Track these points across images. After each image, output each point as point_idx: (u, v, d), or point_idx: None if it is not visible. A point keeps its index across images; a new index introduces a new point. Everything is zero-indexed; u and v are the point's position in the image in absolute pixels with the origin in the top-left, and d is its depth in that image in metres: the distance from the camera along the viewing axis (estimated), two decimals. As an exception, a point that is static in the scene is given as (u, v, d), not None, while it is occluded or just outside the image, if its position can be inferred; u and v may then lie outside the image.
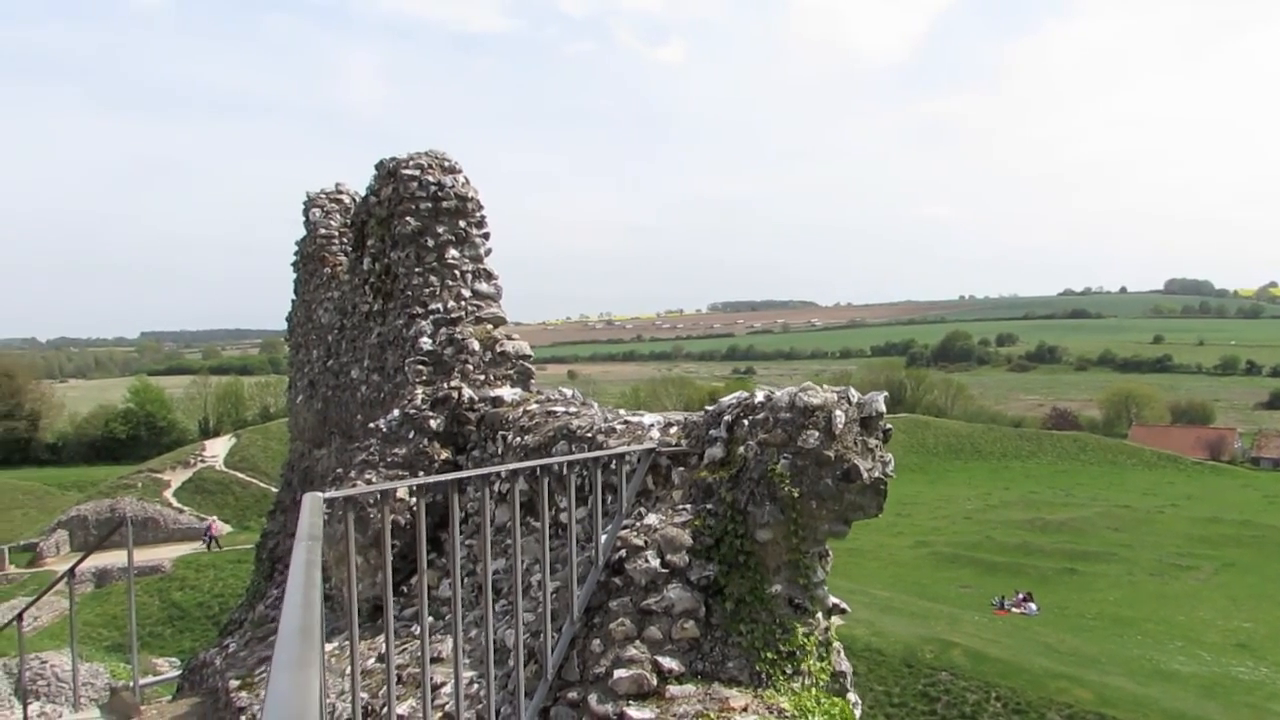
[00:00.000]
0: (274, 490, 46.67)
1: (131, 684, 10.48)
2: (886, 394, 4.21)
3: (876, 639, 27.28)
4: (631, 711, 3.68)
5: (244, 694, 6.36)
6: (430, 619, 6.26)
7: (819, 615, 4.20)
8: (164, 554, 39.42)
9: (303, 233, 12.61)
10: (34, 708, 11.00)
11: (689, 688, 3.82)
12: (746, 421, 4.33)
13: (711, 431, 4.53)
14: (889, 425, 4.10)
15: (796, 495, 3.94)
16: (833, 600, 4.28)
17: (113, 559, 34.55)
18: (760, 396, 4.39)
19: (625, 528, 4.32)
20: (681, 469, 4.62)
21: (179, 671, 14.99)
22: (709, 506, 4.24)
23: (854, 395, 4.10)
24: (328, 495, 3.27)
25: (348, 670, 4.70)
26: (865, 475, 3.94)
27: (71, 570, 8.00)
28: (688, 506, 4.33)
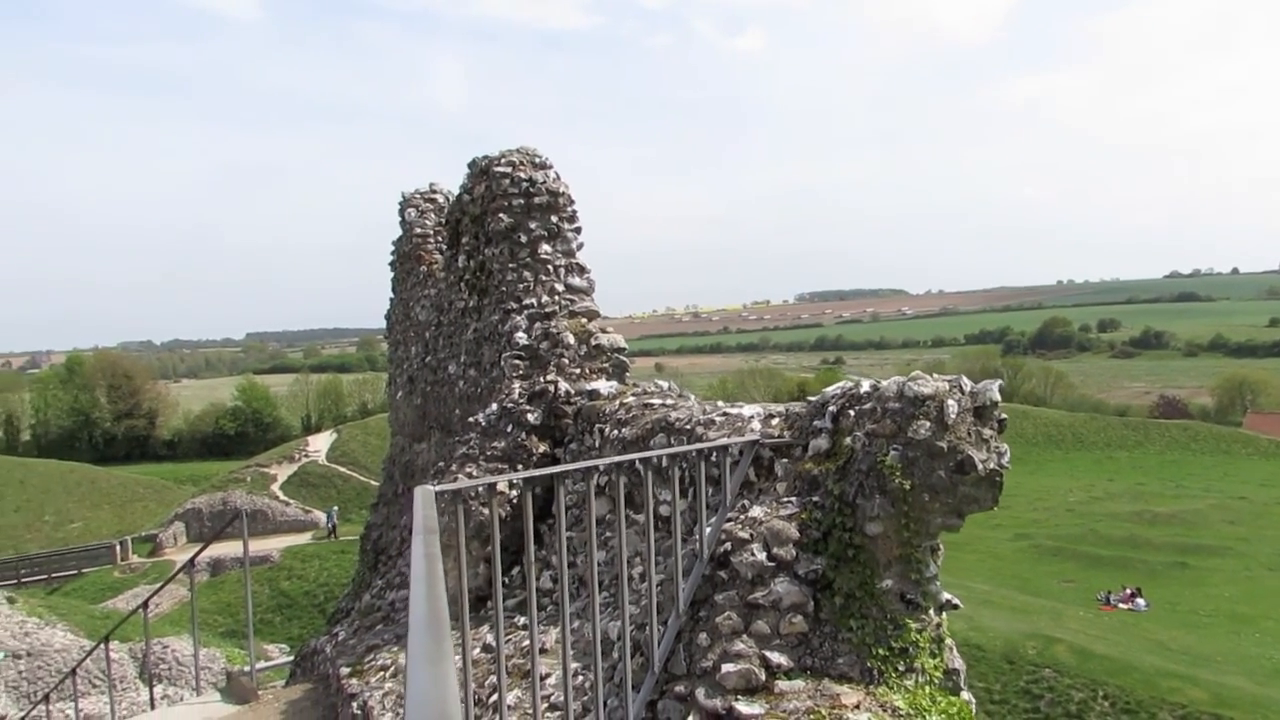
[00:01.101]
0: (374, 484, 48.21)
1: (247, 669, 10.91)
2: (1001, 382, 4.06)
3: (975, 634, 26.56)
4: (741, 706, 3.63)
5: (354, 681, 6.53)
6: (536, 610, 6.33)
7: (931, 611, 4.08)
8: (272, 545, 41.00)
9: (399, 232, 12.90)
10: (158, 690, 11.57)
11: (798, 683, 3.75)
12: (852, 412, 4.23)
13: (815, 423, 4.44)
14: (1004, 415, 3.95)
15: (908, 488, 3.83)
16: (945, 596, 4.15)
17: (226, 549, 36.11)
18: (866, 386, 4.29)
19: (729, 520, 4.27)
20: (785, 461, 4.54)
21: (289, 657, 15.56)
22: (815, 499, 4.16)
23: (967, 384, 3.96)
24: (437, 489, 3.30)
25: (457, 662, 4.82)
26: (980, 467, 3.80)
27: (191, 561, 8.36)
28: (793, 499, 4.25)
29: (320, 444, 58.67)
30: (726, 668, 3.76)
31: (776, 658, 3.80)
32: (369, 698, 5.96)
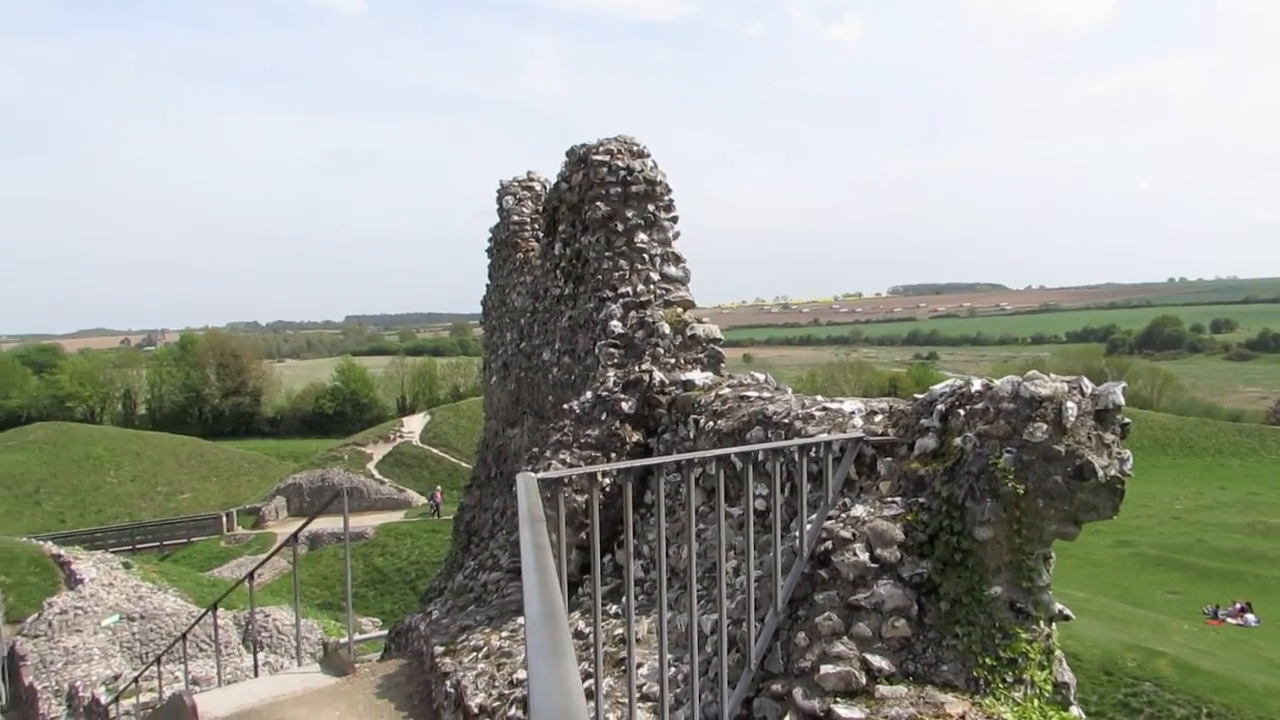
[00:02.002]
0: (465, 465, 49.07)
1: (343, 641, 11.26)
2: (1125, 384, 3.85)
3: (1071, 642, 25.60)
4: (840, 709, 3.55)
5: (448, 660, 6.64)
6: (625, 600, 6.34)
7: (1042, 622, 3.91)
8: (367, 521, 42.28)
9: (496, 220, 13.07)
10: (260, 657, 12.05)
11: (900, 689, 3.65)
12: (963, 411, 4.08)
13: (923, 421, 4.30)
14: (1127, 420, 3.76)
15: (1021, 492, 3.67)
16: (1057, 606, 3.98)
17: (323, 525, 37.36)
18: (978, 385, 4.13)
19: (830, 518, 4.17)
20: (889, 459, 4.42)
21: (382, 631, 16.02)
22: (921, 500, 4.03)
23: (1087, 385, 3.77)
24: (539, 476, 3.31)
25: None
26: (1100, 473, 3.62)
27: (295, 535, 8.64)
28: (897, 499, 4.13)
29: (414, 425, 60.14)
30: (826, 669, 3.68)
31: (878, 661, 3.70)
32: (462, 677, 6.05)
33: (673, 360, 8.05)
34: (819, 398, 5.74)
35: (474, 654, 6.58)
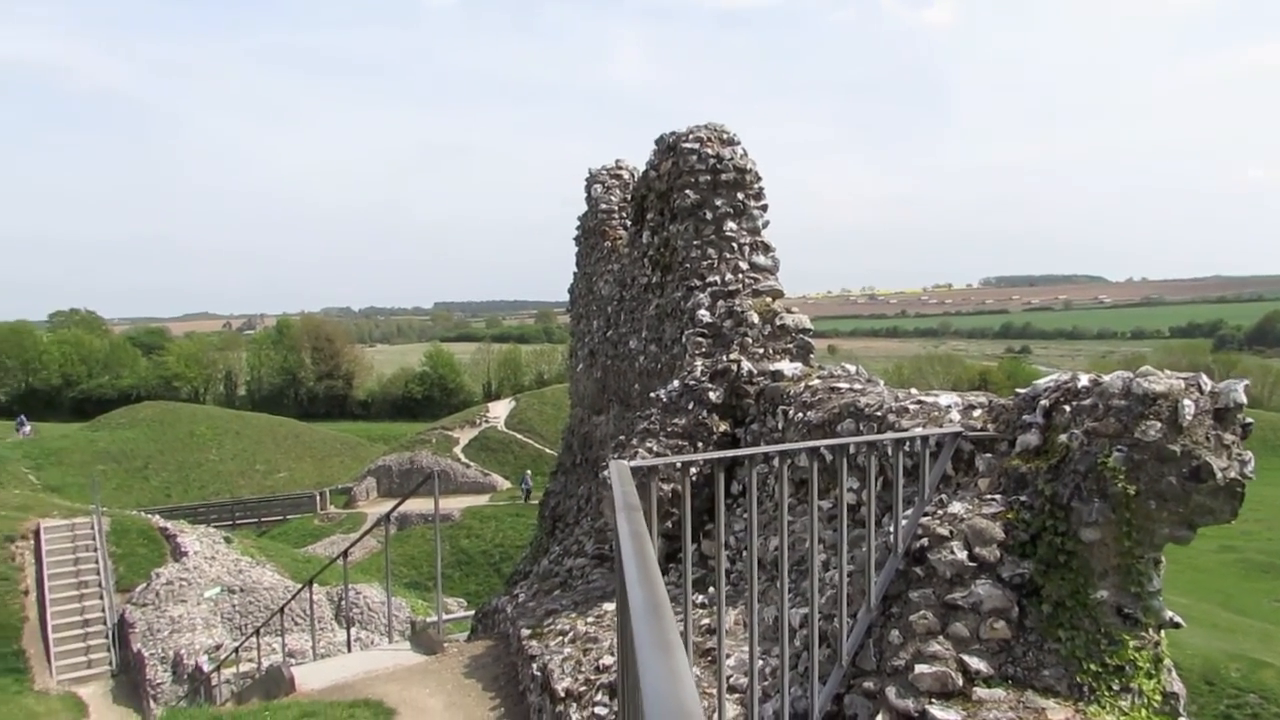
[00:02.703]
0: (549, 451, 49.58)
1: (431, 619, 11.53)
2: (1247, 382, 3.65)
3: (1171, 650, 24.52)
4: (935, 711, 3.46)
5: (534, 643, 6.72)
6: (711, 590, 6.31)
7: (1151, 629, 3.75)
8: (454, 504, 43.15)
9: (583, 208, 13.14)
10: (352, 632, 12.41)
11: (999, 692, 3.54)
12: (1068, 407, 3.93)
13: (1025, 417, 4.16)
14: (1249, 419, 3.56)
15: (1132, 493, 3.52)
16: (1168, 613, 3.80)
17: (411, 506, 38.28)
18: (1085, 380, 3.97)
19: (926, 515, 4.07)
20: (988, 455, 4.28)
21: (466, 611, 16.34)
22: (1023, 498, 3.89)
23: (1206, 383, 3.58)
24: (632, 464, 3.30)
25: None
26: (1218, 475, 3.44)
27: (387, 516, 8.85)
28: (997, 497, 4.01)
29: (499, 411, 61.07)
30: (920, 668, 3.59)
31: (975, 663, 3.60)
32: (549, 660, 6.12)
33: (761, 350, 7.97)
34: (913, 390, 5.61)
35: (560, 638, 6.65)
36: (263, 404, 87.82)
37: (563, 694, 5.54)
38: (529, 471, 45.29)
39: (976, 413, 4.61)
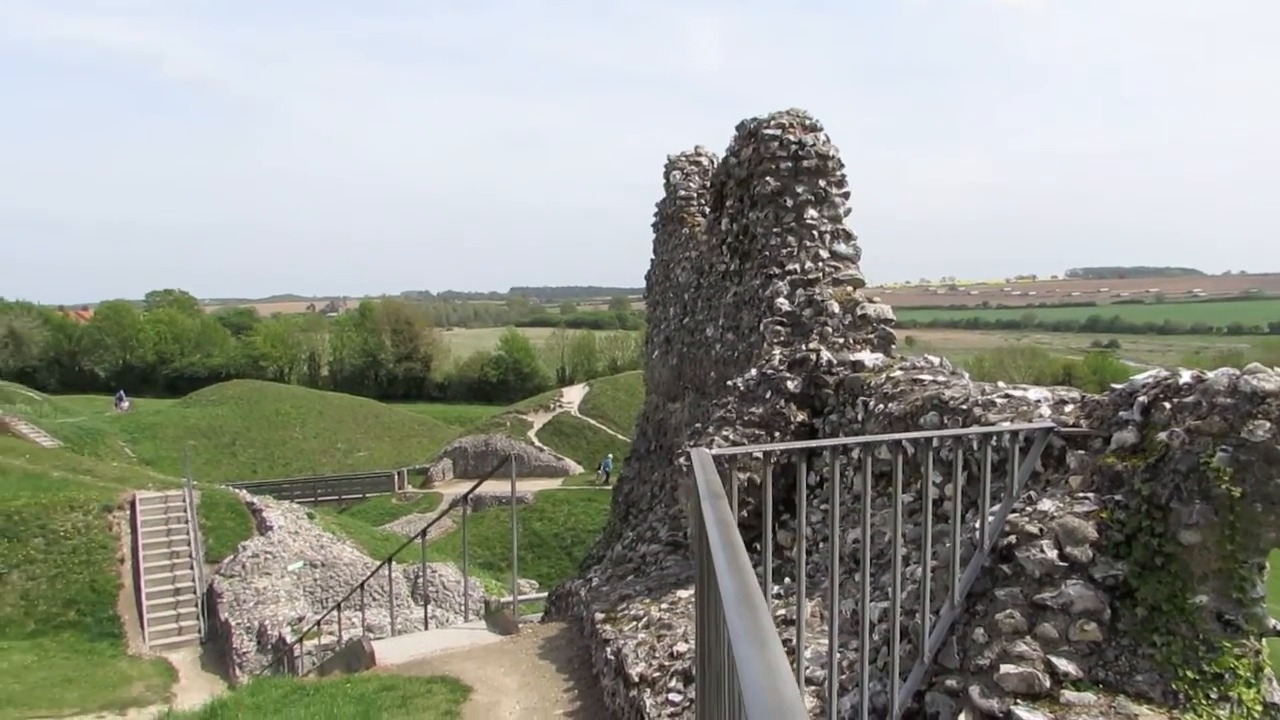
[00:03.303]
0: (621, 437, 49.72)
1: (504, 599, 11.72)
2: (1368, 382, 3.45)
3: (1273, 659, 23.60)
4: (1021, 712, 3.37)
5: (608, 627, 6.77)
6: (788, 581, 6.27)
7: (1253, 636, 3.59)
8: (527, 487, 43.72)
9: (660, 195, 13.11)
10: (429, 610, 12.70)
11: (1088, 696, 3.43)
12: (1168, 405, 3.78)
13: (1121, 413, 4.01)
14: (1368, 421, 3.37)
15: (1237, 495, 3.37)
16: (1271, 621, 3.63)
17: (485, 488, 38.90)
18: (1187, 377, 3.81)
19: (1014, 511, 3.96)
20: (1080, 452, 4.15)
21: (539, 593, 16.58)
22: (1118, 498, 3.76)
23: (1320, 381, 3.41)
24: (714, 453, 3.28)
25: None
26: (1332, 479, 3.27)
27: (465, 497, 9.00)
28: (1090, 495, 3.88)
29: (573, 396, 61.59)
30: (1006, 668, 3.51)
31: (1064, 665, 3.50)
32: (623, 645, 6.16)
33: (841, 340, 7.86)
34: (1000, 384, 5.47)
35: (634, 623, 6.68)
36: (344, 384, 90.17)
37: (636, 679, 5.57)
38: (611, 455, 45.59)
39: (1068, 408, 4.47)
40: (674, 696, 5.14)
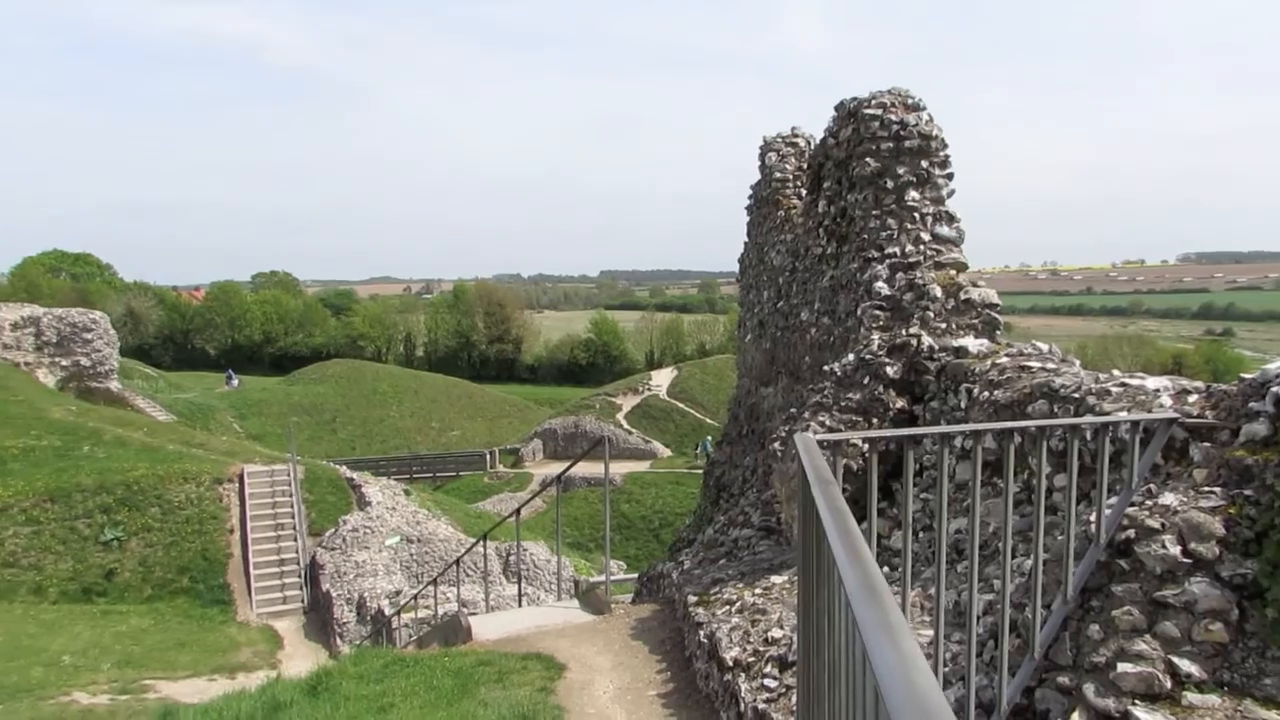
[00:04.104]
0: (709, 421, 49.63)
1: (600, 581, 11.85)
2: None
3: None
4: (1139, 713, 3.24)
5: (701, 610, 6.77)
6: (887, 570, 6.16)
7: (1397, 643, 3.37)
8: (615, 469, 44.11)
9: (753, 178, 12.97)
10: (521, 587, 12.93)
11: (1212, 699, 3.27)
12: (1305, 396, 3.56)
13: (1252, 404, 3.80)
14: None
15: (1382, 493, 3.16)
16: None
17: (573, 469, 39.39)
18: (1328, 366, 3.58)
19: (1133, 505, 3.80)
20: (1206, 445, 3.95)
21: (628, 575, 16.72)
22: (1247, 493, 3.57)
23: None
24: (818, 438, 3.23)
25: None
26: None
27: (559, 477, 9.10)
28: (1216, 489, 3.69)
29: (661, 379, 61.74)
30: (1124, 667, 3.37)
31: (1186, 666, 3.34)
32: (716, 629, 6.15)
33: (943, 325, 7.65)
34: (1115, 372, 5.24)
35: (726, 607, 6.66)
36: (438, 365, 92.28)
37: (731, 663, 5.56)
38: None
39: (1192, 398, 4.26)
40: (769, 683, 5.12)
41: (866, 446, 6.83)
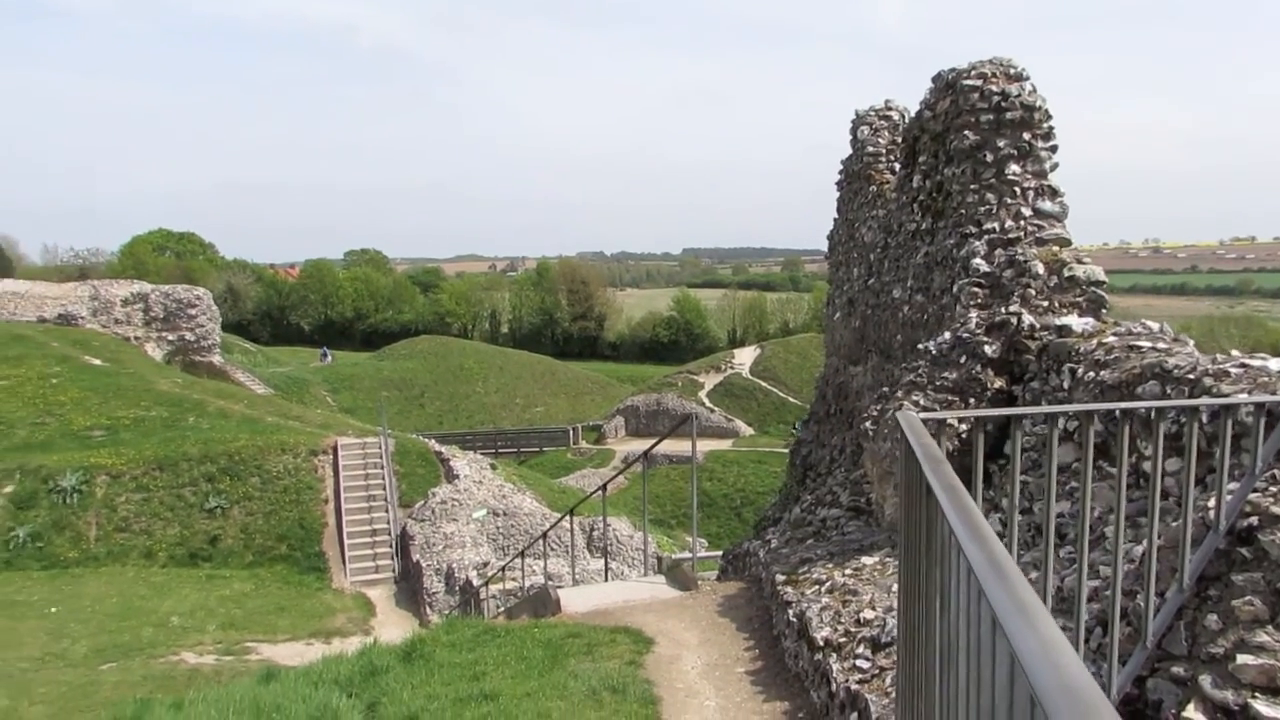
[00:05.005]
0: (793, 400, 49.19)
1: (685, 557, 11.89)
2: None
3: None
4: (1261, 707, 3.10)
5: (789, 590, 6.74)
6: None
7: None
8: (698, 447, 44.19)
9: (840, 153, 12.72)
10: (603, 563, 13.06)
11: (1341, 695, 3.11)
12: None
13: (1391, 387, 3.58)
14: None
15: None
16: None
17: (657, 446, 39.54)
18: None
19: (1256, 491, 3.62)
20: (1338, 429, 3.74)
21: (710, 552, 16.72)
22: (1384, 480, 3.36)
23: None
24: (924, 417, 3.16)
25: (891, 586, 4.70)
26: None
27: (645, 454, 9.15)
28: (1350, 477, 3.49)
29: (744, 357, 61.39)
30: (1244, 659, 3.23)
31: (1313, 660, 3.18)
32: (806, 608, 6.11)
33: (1045, 303, 7.40)
34: (1234, 353, 5.00)
35: (816, 587, 6.61)
36: (523, 342, 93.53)
37: (821, 643, 5.51)
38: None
39: (1320, 380, 4.03)
40: (862, 664, 5.06)
41: (964, 427, 6.68)
